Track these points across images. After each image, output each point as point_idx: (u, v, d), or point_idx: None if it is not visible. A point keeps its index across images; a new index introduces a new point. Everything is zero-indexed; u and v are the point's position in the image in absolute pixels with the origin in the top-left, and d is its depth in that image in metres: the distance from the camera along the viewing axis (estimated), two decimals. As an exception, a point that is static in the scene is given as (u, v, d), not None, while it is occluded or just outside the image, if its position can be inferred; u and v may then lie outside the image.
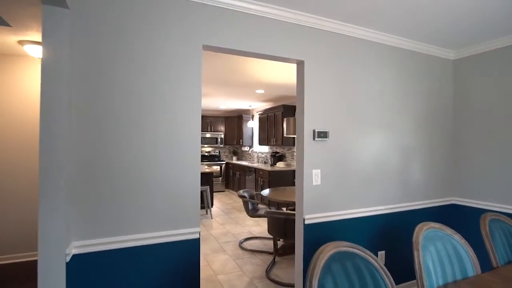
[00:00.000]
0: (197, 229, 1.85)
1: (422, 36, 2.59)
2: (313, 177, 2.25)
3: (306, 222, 2.22)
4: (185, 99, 1.83)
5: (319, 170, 2.28)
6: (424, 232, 1.37)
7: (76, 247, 1.56)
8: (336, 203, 2.36)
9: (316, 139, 2.25)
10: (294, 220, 2.86)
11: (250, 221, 5.19)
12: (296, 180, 2.32)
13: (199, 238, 1.86)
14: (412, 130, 2.79)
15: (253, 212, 3.92)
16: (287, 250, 3.68)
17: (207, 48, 1.94)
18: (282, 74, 4.20)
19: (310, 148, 2.25)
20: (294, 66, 3.79)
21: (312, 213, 2.25)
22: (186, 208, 1.82)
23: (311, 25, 2.22)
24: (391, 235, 2.65)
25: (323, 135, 2.28)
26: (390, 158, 2.66)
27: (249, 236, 4.35)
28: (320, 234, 2.29)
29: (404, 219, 2.73)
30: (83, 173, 1.58)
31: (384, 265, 2.61)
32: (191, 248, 1.83)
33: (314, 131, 2.26)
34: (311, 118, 2.26)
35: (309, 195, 2.24)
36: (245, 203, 3.88)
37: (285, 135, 3.84)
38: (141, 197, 1.71)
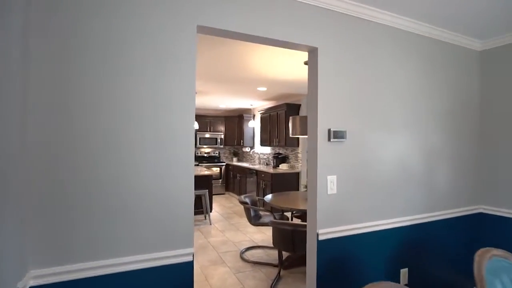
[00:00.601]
0: (190, 250, 1.51)
1: (446, 22, 2.25)
2: (328, 184, 1.92)
3: (321, 237, 1.88)
4: (175, 94, 1.49)
5: (335, 177, 1.94)
6: (487, 263, 1.04)
7: (35, 277, 1.23)
8: (355, 215, 2.02)
9: (331, 140, 1.92)
10: (303, 231, 2.52)
11: (252, 228, 4.85)
12: (308, 189, 1.99)
13: (192, 261, 1.53)
14: (436, 130, 2.46)
15: (255, 220, 3.58)
16: (293, 262, 3.34)
17: (202, 30, 1.60)
18: (286, 69, 3.86)
19: (324, 150, 1.91)
20: (299, 61, 3.45)
21: (327, 227, 1.91)
22: (177, 224, 1.49)
23: (326, 6, 1.89)
24: (414, 250, 2.31)
25: (339, 135, 1.94)
26: (413, 161, 2.32)
27: (251, 245, 4.01)
28: (337, 251, 1.95)
29: (428, 231, 2.39)
30: (46, 180, 1.25)
31: (408, 284, 2.28)
32: (183, 274, 1.49)
33: (329, 130, 1.92)
34: (326, 116, 1.92)
35: (323, 205, 1.90)
36: (247, 210, 3.54)
37: (290, 136, 3.50)
38: (120, 210, 1.37)
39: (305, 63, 3.52)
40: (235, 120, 8.37)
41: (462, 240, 2.61)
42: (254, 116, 7.96)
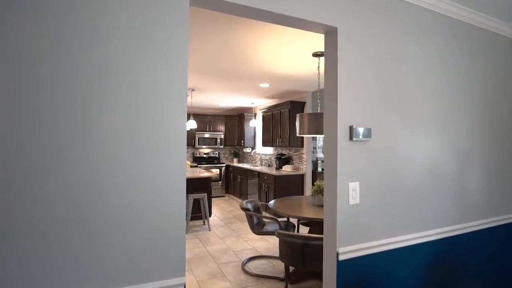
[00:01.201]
0: (180, 280, 1.18)
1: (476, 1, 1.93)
2: (349, 193, 1.59)
3: (341, 257, 1.55)
4: (161, 86, 1.16)
5: (357, 183, 1.61)
6: None
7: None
8: (380, 229, 1.69)
9: (354, 139, 1.59)
10: (316, 245, 2.19)
11: (254, 234, 4.51)
12: (325, 198, 1.66)
13: (184, 294, 1.20)
14: (470, 129, 2.13)
15: (258, 228, 3.26)
16: (301, 276, 3.01)
17: (196, 0, 1.27)
18: (292, 63, 3.53)
19: (345, 152, 1.58)
20: (307, 53, 3.12)
21: (349, 244, 1.58)
22: (163, 247, 1.16)
23: (347, -24, 1.56)
24: (444, 267, 1.99)
25: (363, 133, 1.61)
26: (443, 164, 1.99)
27: (254, 254, 3.68)
28: (360, 273, 1.62)
29: (459, 245, 2.06)
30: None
31: (438, 308, 1.95)
32: (171, 312, 1.16)
33: (351, 128, 1.59)
34: (347, 110, 1.59)
35: (344, 218, 1.57)
36: (249, 218, 3.21)
37: (297, 135, 3.17)
38: (88, 231, 1.04)
39: (314, 54, 3.19)
40: (235, 119, 8.05)
41: (497, 254, 2.29)
42: (255, 115, 7.63)
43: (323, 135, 3.12)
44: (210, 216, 5.17)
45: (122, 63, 1.10)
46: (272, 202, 3.31)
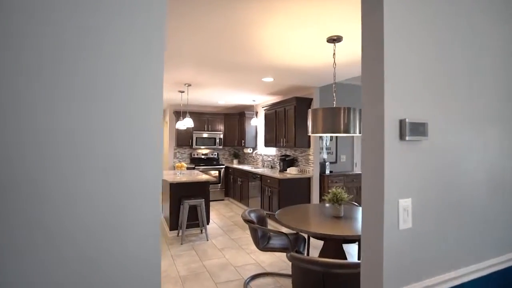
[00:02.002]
0: None
1: None
2: (400, 213, 1.13)
3: (390, 305, 1.09)
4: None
5: (409, 200, 1.16)
6: None
7: None
8: (441, 261, 1.24)
9: (406, 138, 1.13)
10: (341, 275, 1.72)
11: (257, 245, 4.06)
12: (363, 221, 1.20)
13: None
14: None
15: (263, 242, 2.80)
16: (314, 301, 2.55)
17: None
18: (300, 52, 3.08)
19: (394, 156, 1.13)
20: (318, 38, 2.67)
21: (402, 285, 1.13)
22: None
23: None
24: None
25: (418, 130, 1.16)
26: (509, 173, 1.54)
27: (258, 271, 3.22)
28: (414, 325, 1.17)
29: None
30: None
31: None
32: None
33: (401, 123, 1.14)
34: (396, 99, 1.14)
35: (393, 249, 1.12)
36: (253, 231, 2.75)
37: (309, 134, 2.72)
38: None
39: (329, 39, 2.73)
40: (235, 118, 7.59)
41: None
42: (257, 113, 7.17)
43: (340, 134, 2.67)
44: (208, 223, 4.72)
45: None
46: (278, 212, 2.86)
